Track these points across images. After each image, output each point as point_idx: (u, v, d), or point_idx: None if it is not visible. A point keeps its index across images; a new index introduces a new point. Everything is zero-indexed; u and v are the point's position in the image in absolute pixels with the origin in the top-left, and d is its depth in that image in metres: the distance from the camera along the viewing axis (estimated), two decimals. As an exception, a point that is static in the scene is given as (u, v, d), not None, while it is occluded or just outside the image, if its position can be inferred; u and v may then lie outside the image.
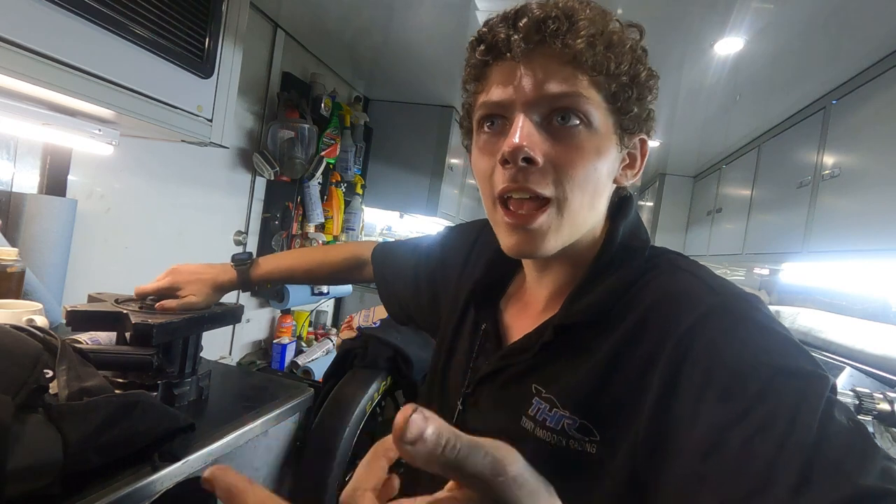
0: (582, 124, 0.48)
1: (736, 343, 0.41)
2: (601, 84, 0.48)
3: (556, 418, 0.49)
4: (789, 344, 0.41)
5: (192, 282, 0.85)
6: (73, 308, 0.72)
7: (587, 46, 0.46)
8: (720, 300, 0.45)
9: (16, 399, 0.50)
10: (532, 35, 0.47)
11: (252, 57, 1.65)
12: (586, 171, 0.48)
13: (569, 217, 0.49)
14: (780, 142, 1.91)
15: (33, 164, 1.11)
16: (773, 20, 1.24)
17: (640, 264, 0.52)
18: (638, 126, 0.52)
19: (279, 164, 1.75)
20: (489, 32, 0.50)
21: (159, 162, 1.41)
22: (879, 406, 1.01)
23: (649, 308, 0.47)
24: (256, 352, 2.01)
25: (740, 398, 0.38)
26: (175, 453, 0.64)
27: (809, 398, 0.36)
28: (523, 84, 0.48)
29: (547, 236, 0.49)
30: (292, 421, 0.92)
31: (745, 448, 0.36)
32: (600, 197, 0.52)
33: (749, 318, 0.43)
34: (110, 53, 0.86)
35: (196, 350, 0.83)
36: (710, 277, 0.48)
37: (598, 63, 0.46)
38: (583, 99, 0.47)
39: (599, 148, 0.49)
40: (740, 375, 0.39)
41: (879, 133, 1.31)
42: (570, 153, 0.48)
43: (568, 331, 0.51)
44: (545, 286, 0.58)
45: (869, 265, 1.40)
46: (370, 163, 2.46)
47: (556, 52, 0.47)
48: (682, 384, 0.41)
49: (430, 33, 1.63)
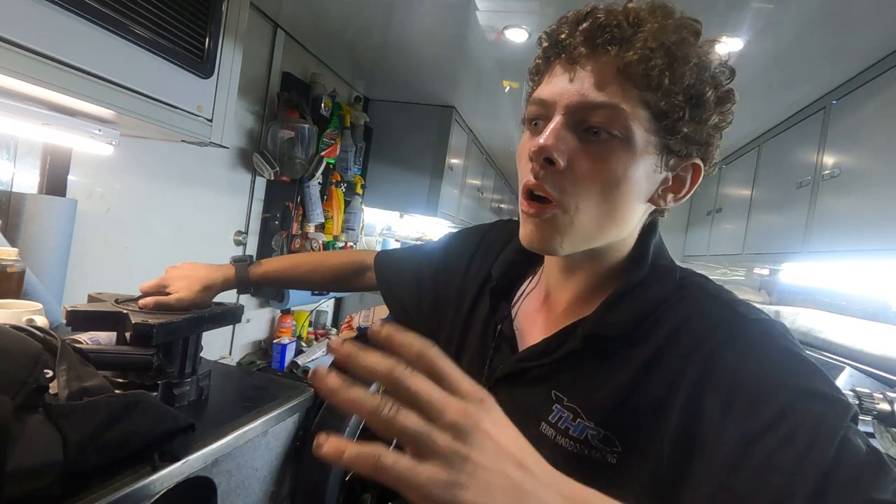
0: (616, 139, 0.47)
1: (760, 363, 0.42)
2: (650, 100, 0.46)
3: (580, 429, 0.49)
4: (811, 368, 0.42)
5: (180, 278, 0.85)
6: (73, 308, 0.72)
7: (640, 59, 0.44)
8: (747, 323, 0.45)
9: (16, 399, 0.50)
10: (590, 40, 0.46)
11: (252, 57, 1.65)
12: (605, 184, 0.47)
13: (578, 223, 0.49)
14: (780, 142, 1.91)
15: (33, 164, 1.10)
16: (773, 20, 1.23)
17: (671, 283, 0.52)
18: (688, 149, 0.49)
19: (279, 164, 1.75)
20: (556, 30, 0.50)
21: (159, 162, 1.41)
22: (879, 406, 1.01)
23: (677, 328, 0.48)
24: (256, 352, 2.01)
25: (764, 415, 0.39)
26: (175, 453, 0.64)
27: (829, 420, 0.37)
28: (569, 87, 0.48)
29: (555, 234, 0.50)
30: (292, 421, 0.92)
31: (768, 461, 0.37)
32: (625, 213, 0.50)
33: (774, 341, 0.44)
34: (110, 53, 0.86)
35: (196, 350, 0.83)
36: (736, 303, 0.48)
37: (649, 78, 0.45)
38: (622, 113, 0.46)
39: (630, 165, 0.47)
40: (763, 394, 0.40)
41: (879, 133, 1.31)
42: (594, 163, 0.47)
43: (596, 341, 0.51)
44: (569, 289, 0.58)
45: (869, 265, 1.40)
46: (370, 163, 2.46)
47: (609, 61, 0.46)
48: (708, 402, 0.42)
49: (430, 33, 1.63)
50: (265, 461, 0.86)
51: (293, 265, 0.93)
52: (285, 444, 0.91)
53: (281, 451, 0.90)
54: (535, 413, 0.53)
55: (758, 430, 0.38)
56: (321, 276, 0.92)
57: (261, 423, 0.81)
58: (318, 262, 0.93)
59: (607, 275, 0.55)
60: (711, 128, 0.49)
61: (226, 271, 0.88)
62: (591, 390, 0.50)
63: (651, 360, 0.47)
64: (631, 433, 0.47)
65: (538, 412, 0.52)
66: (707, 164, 0.52)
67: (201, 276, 0.85)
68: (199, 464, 0.68)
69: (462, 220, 2.85)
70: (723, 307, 0.48)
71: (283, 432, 0.89)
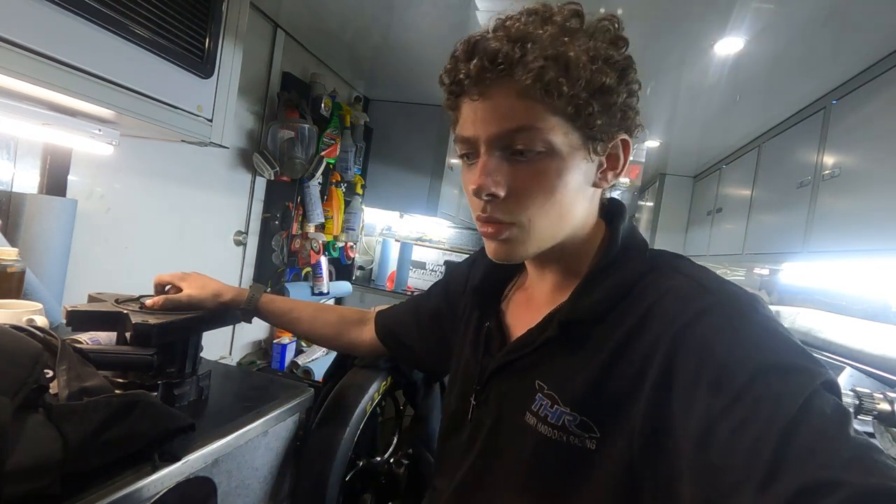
0: (541, 153, 0.50)
1: (727, 338, 0.42)
2: (559, 108, 0.48)
3: (557, 414, 0.50)
4: (782, 340, 0.42)
5: (197, 277, 0.87)
6: (73, 308, 0.72)
7: (536, 78, 0.46)
8: (716, 299, 0.46)
9: (15, 399, 0.50)
10: (483, 75, 0.48)
11: (252, 57, 1.65)
12: (547, 195, 0.51)
13: (535, 232, 0.52)
14: (780, 142, 1.91)
15: (33, 164, 1.10)
16: (773, 20, 1.23)
17: (642, 264, 0.54)
18: (609, 132, 0.51)
19: (279, 164, 1.75)
20: (453, 70, 0.52)
21: (159, 162, 1.41)
22: (879, 406, 1.01)
23: (648, 309, 0.49)
24: (256, 352, 2.01)
25: (728, 391, 0.39)
26: (175, 453, 0.64)
27: (792, 390, 0.37)
28: (483, 122, 0.50)
29: (517, 246, 0.53)
30: (292, 421, 0.92)
31: (730, 441, 0.37)
32: (573, 208, 0.53)
33: (744, 315, 0.44)
34: (110, 53, 0.86)
35: (196, 350, 0.83)
36: (707, 279, 0.49)
37: (549, 92, 0.47)
38: (538, 131, 0.49)
39: (563, 169, 0.50)
40: (729, 369, 0.40)
41: (879, 133, 1.31)
42: (530, 181, 0.50)
43: (572, 326, 0.52)
44: (547, 281, 0.61)
45: (869, 265, 1.40)
46: (370, 163, 2.46)
47: (510, 86, 0.48)
48: (676, 379, 0.43)
49: (430, 34, 1.63)
50: (265, 461, 0.86)
51: (297, 305, 0.94)
52: (285, 444, 0.91)
53: (281, 451, 0.90)
54: (521, 403, 0.54)
55: (722, 407, 0.38)
56: (324, 320, 0.92)
57: (261, 423, 0.81)
58: (322, 307, 0.95)
59: (580, 262, 0.57)
60: (622, 104, 0.51)
61: (238, 290, 0.89)
62: (566, 376, 0.51)
63: (624, 343, 0.48)
64: (608, 418, 0.48)
65: (524, 402, 0.54)
66: (632, 134, 0.54)
67: (215, 285, 0.87)
68: (199, 464, 0.68)
69: (462, 220, 2.85)
70: (693, 285, 0.48)
71: (283, 432, 0.89)
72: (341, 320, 0.93)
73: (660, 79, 1.66)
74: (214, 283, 0.87)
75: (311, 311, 0.93)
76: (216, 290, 0.86)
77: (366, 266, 2.97)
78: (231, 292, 0.87)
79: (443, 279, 0.86)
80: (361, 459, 1.00)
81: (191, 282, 0.85)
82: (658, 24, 1.31)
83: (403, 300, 0.91)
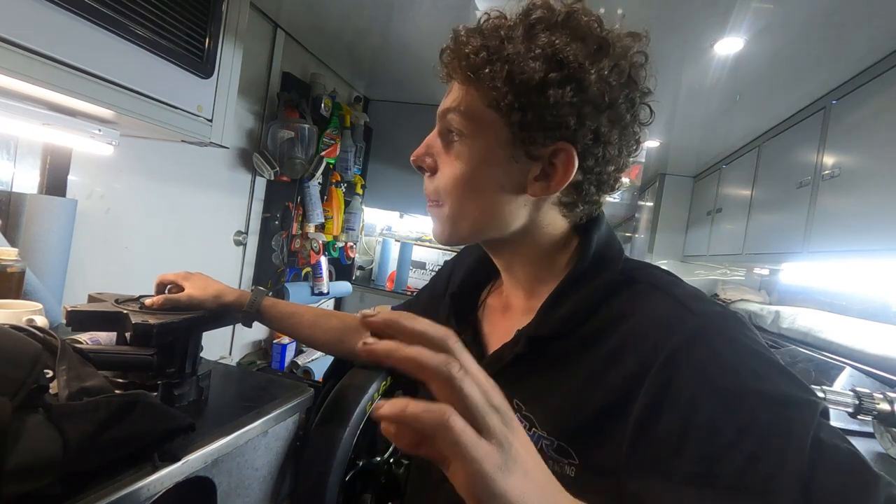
0: (464, 136, 0.51)
1: (722, 367, 0.40)
2: (491, 99, 0.49)
3: (535, 438, 0.48)
4: (773, 368, 0.40)
5: (199, 278, 0.87)
6: (73, 308, 0.72)
7: (468, 65, 0.49)
8: (702, 322, 0.43)
9: (15, 399, 0.50)
10: (447, 62, 0.52)
11: (252, 57, 1.65)
12: (461, 179, 0.51)
13: (457, 215, 0.53)
14: (780, 142, 1.91)
15: (33, 164, 1.10)
16: (772, 20, 1.23)
17: (615, 276, 0.51)
18: (545, 136, 0.48)
19: (279, 164, 1.75)
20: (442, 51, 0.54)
21: (159, 162, 1.41)
22: (879, 406, 1.01)
23: (629, 331, 0.46)
24: (256, 352, 2.01)
25: (730, 428, 0.37)
26: (175, 453, 0.64)
27: (798, 424, 0.36)
28: (443, 99, 0.54)
29: (444, 226, 0.55)
30: (292, 421, 0.92)
31: (737, 481, 0.35)
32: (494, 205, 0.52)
33: (734, 340, 0.42)
34: (110, 53, 0.86)
35: (196, 350, 0.83)
36: (688, 298, 0.46)
37: (478, 78, 0.48)
38: (461, 115, 0.51)
39: (481, 160, 0.51)
40: (728, 403, 0.38)
41: (879, 133, 1.31)
42: (453, 163, 0.52)
43: (543, 343, 0.50)
44: (520, 287, 0.59)
45: (869, 265, 1.40)
46: (370, 163, 2.46)
47: (458, 73, 0.51)
48: (666, 409, 0.40)
49: (430, 33, 1.63)
50: (265, 461, 0.86)
51: (300, 309, 0.93)
52: (285, 444, 0.91)
53: (281, 451, 0.90)
54: None
55: (726, 442, 0.36)
56: (326, 326, 0.91)
57: (261, 423, 0.81)
58: (324, 312, 0.95)
59: (551, 270, 0.55)
60: (562, 105, 0.46)
61: (241, 293, 0.89)
62: (543, 398, 0.49)
63: (602, 367, 0.46)
64: (587, 445, 0.45)
65: None
66: (578, 146, 0.48)
67: (217, 286, 0.87)
68: (199, 464, 0.68)
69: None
70: (674, 305, 0.46)
71: (283, 432, 0.89)
72: (343, 327, 0.92)
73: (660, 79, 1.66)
74: (217, 285, 0.87)
75: (312, 317, 0.92)
76: (218, 291, 0.86)
77: (366, 266, 2.97)
78: (233, 294, 0.87)
79: (429, 283, 0.84)
80: (361, 459, 1.00)
81: (193, 282, 0.85)
82: (658, 24, 1.31)
83: (403, 301, 0.91)
